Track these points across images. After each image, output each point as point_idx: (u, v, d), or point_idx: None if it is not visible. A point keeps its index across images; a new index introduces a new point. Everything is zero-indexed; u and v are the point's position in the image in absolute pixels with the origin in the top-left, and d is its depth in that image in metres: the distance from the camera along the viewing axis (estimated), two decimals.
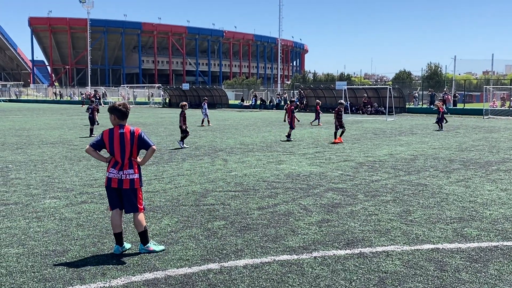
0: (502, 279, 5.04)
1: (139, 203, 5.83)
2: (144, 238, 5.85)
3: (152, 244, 5.90)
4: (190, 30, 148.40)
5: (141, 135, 5.84)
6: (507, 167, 12.27)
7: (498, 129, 24.90)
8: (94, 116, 21.90)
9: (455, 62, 54.39)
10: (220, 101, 58.60)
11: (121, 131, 5.76)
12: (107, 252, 5.87)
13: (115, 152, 5.76)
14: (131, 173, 5.77)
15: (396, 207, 8.03)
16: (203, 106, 28.23)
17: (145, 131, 22.66)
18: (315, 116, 29.27)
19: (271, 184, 10.06)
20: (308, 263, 5.50)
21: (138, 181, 5.83)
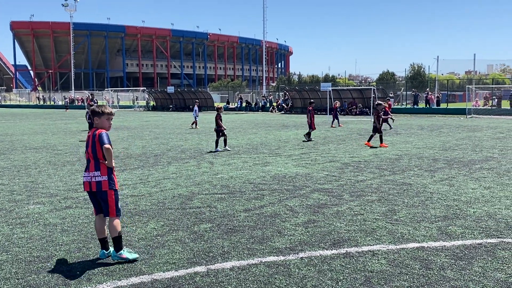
0: (486, 276, 5.10)
1: (110, 207, 5.66)
2: (117, 245, 5.66)
3: (126, 251, 5.72)
4: (174, 33, 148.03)
5: (100, 135, 5.66)
6: (490, 165, 12.44)
7: (481, 128, 25.23)
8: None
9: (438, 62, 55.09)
10: (205, 104, 58.48)
11: (93, 133, 5.75)
12: (92, 257, 5.82)
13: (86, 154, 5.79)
14: (97, 175, 5.63)
15: (381, 207, 8.09)
16: (194, 109, 28.29)
17: (131, 135, 22.60)
18: (333, 118, 28.89)
19: (257, 186, 10.06)
20: (295, 264, 5.51)
21: (106, 183, 5.63)
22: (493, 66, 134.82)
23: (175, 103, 59.75)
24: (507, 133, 21.62)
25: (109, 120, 5.84)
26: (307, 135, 19.65)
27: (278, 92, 64.31)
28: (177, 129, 26.52)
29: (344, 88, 49.38)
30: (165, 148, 17.29)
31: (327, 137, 20.98)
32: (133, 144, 18.88)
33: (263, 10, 75.46)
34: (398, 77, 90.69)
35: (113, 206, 5.68)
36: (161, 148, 17.28)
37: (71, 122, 35.47)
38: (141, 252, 5.94)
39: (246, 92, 77.14)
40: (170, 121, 35.33)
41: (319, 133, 23.09)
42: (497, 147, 16.45)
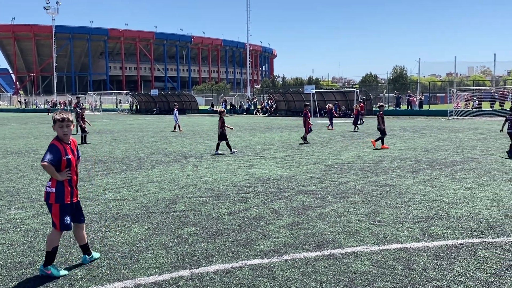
0: (468, 275, 5.18)
1: (54, 220, 5.37)
2: (47, 259, 5.37)
3: (53, 268, 5.37)
4: (157, 36, 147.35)
5: (49, 146, 5.38)
6: (471, 166, 12.62)
7: (462, 129, 25.58)
8: (81, 123, 21.41)
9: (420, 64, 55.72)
10: (189, 107, 58.32)
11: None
12: (75, 262, 5.77)
13: None
14: (49, 185, 5.40)
15: (364, 208, 8.16)
16: (173, 112, 28.16)
17: (114, 139, 22.42)
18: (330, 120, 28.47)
19: (241, 188, 10.06)
20: (279, 266, 5.52)
21: (53, 196, 5.33)
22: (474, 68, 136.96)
23: (159, 106, 59.46)
24: (488, 134, 21.95)
25: (62, 127, 5.38)
26: (303, 138, 19.61)
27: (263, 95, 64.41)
28: (161, 132, 26.40)
29: (327, 91, 49.65)
30: (148, 151, 17.19)
31: (311, 139, 21.06)
32: (116, 147, 18.74)
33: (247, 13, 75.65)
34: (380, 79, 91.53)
35: (56, 220, 5.36)
36: (145, 151, 17.18)
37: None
38: (125, 257, 5.90)
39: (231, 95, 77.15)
40: (154, 124, 35.14)
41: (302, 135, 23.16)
42: (478, 148, 16.69)
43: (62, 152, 5.37)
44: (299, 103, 47.75)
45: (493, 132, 23.16)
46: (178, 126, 27.53)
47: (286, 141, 20.51)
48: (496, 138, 19.92)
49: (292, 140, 21.00)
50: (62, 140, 5.45)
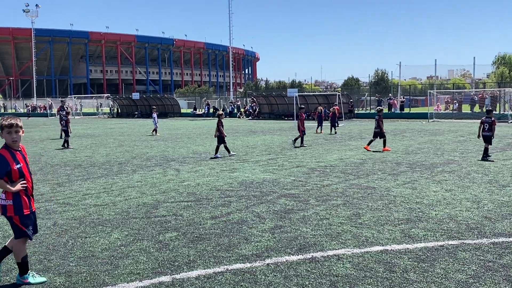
0: (448, 277, 5.22)
1: (17, 231, 5.18)
2: (21, 269, 5.26)
3: (30, 276, 5.28)
4: (139, 39, 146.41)
5: None
6: (451, 168, 12.77)
7: (442, 131, 25.90)
8: (68, 127, 21.07)
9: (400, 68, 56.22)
10: (172, 110, 58.02)
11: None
12: (54, 269, 5.66)
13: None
14: (3, 197, 5.13)
15: (346, 211, 8.18)
16: (152, 116, 28.00)
17: (94, 143, 22.17)
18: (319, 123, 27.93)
19: (224, 192, 10.02)
20: (261, 270, 5.50)
21: (12, 208, 5.09)
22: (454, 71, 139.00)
23: (141, 110, 59.04)
24: (468, 137, 22.27)
25: (10, 134, 5.03)
26: (300, 141, 19.50)
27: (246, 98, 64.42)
28: (142, 136, 26.20)
29: (310, 94, 49.89)
30: (129, 155, 17.04)
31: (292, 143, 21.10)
32: (96, 152, 18.53)
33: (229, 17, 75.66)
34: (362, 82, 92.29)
35: (18, 231, 5.18)
36: (126, 155, 17.02)
37: (33, 130, 34.56)
38: (105, 263, 5.82)
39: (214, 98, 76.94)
40: (135, 128, 34.87)
41: (286, 138, 23.23)
42: (458, 150, 16.91)
43: (10, 162, 5.04)
44: (282, 107, 47.88)
45: (473, 134, 23.49)
46: (155, 130, 27.39)
47: (269, 144, 20.52)
48: (476, 141, 20.21)
49: (275, 143, 21.02)
50: (11, 147, 5.12)
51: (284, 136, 24.38)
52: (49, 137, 26.98)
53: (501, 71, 77.69)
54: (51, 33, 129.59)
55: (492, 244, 6.28)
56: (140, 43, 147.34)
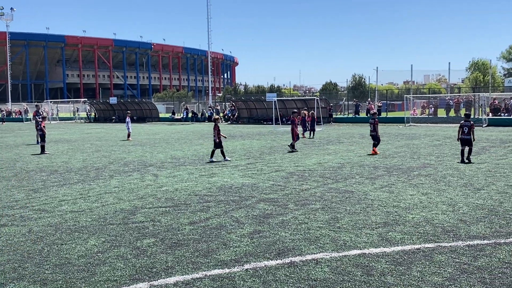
0: (425, 280, 5.29)
1: None
2: None
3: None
4: (116, 43, 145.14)
5: None
6: (428, 172, 12.96)
7: (419, 136, 26.27)
8: (43, 131, 20.64)
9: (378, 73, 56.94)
10: (150, 115, 57.55)
11: None
12: (29, 277, 5.55)
13: None
14: None
15: (324, 215, 8.23)
16: (126, 120, 27.73)
17: (71, 148, 21.84)
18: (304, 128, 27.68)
19: (203, 197, 9.98)
20: (240, 276, 5.49)
21: None
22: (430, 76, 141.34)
23: (118, 114, 58.41)
24: (443, 141, 22.64)
25: None
26: (291, 146, 19.43)
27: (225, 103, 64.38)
28: (120, 141, 25.92)
29: (289, 98, 50.09)
30: (107, 161, 16.84)
31: (273, 146, 21.16)
32: (73, 157, 18.27)
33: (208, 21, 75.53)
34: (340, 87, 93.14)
35: None
36: (103, 161, 16.81)
37: (8, 135, 33.89)
38: (81, 270, 5.73)
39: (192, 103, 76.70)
40: (113, 133, 34.48)
41: (265, 142, 23.27)
42: (434, 154, 17.17)
43: None
44: (261, 111, 47.97)
45: (448, 138, 23.90)
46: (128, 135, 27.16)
47: (248, 149, 20.52)
48: (451, 145, 20.56)
49: (254, 148, 21.03)
50: None
51: (263, 141, 24.42)
52: (24, 142, 26.48)
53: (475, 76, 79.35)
54: (27, 37, 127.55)
55: (467, 247, 6.39)
56: (117, 47, 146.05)
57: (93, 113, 63.40)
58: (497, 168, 13.27)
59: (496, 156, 15.98)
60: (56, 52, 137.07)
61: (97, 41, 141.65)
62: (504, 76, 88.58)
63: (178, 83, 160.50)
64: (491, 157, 15.84)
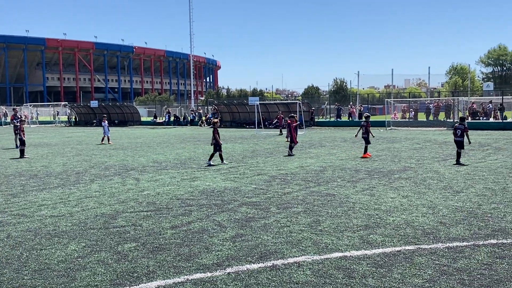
0: (405, 282, 5.34)
1: None
2: None
3: None
4: (97, 46, 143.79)
5: None
6: (408, 175, 13.11)
7: (399, 139, 26.57)
8: (22, 136, 20.26)
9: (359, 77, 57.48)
10: (131, 118, 57.14)
11: None
12: (7, 283, 5.46)
13: None
14: None
15: (306, 218, 8.26)
16: (102, 124, 27.51)
17: (51, 152, 21.55)
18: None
19: (185, 201, 9.93)
20: (222, 279, 5.47)
21: None
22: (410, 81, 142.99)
23: (99, 118, 57.85)
24: (423, 144, 22.93)
25: None
26: (290, 149, 19.34)
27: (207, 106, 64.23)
28: (100, 145, 25.67)
29: (271, 102, 50.22)
30: (87, 165, 16.66)
31: (255, 150, 21.19)
32: (53, 161, 18.03)
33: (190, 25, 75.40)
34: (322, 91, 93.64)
35: None
36: (84, 165, 16.63)
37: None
38: (61, 276, 5.66)
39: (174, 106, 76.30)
40: (94, 136, 34.12)
41: (247, 146, 23.28)
42: (414, 157, 17.38)
43: None
44: (244, 115, 48.00)
45: (428, 141, 24.23)
46: (105, 139, 26.97)
47: (231, 152, 20.50)
48: (431, 148, 20.84)
49: (236, 151, 21.02)
50: None
51: (246, 145, 24.43)
52: (3, 146, 26.05)
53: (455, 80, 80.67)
54: (6, 39, 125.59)
55: (447, 249, 6.48)
56: (98, 50, 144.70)
57: (74, 117, 62.71)
58: (476, 171, 13.48)
59: (475, 159, 16.25)
60: (36, 55, 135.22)
61: (78, 44, 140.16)
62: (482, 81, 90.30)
63: (160, 87, 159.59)
64: (470, 160, 16.10)
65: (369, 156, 17.57)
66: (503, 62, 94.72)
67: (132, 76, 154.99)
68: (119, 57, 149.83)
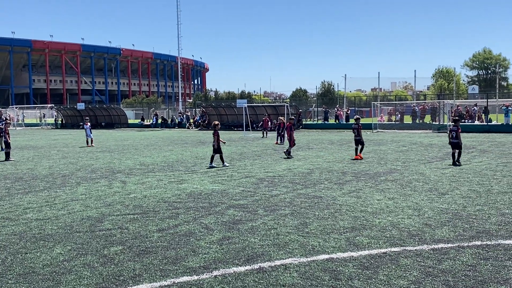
0: (391, 283, 5.38)
1: None
2: None
3: None
4: (84, 48, 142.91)
5: None
6: (394, 177, 13.21)
7: (386, 142, 26.77)
8: (7, 138, 19.97)
9: (346, 80, 57.83)
10: (118, 121, 56.82)
11: None
12: None
13: None
14: None
15: (294, 220, 8.29)
16: (85, 127, 27.35)
17: (37, 155, 21.35)
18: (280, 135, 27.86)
19: (172, 204, 9.90)
20: (209, 282, 5.47)
21: None
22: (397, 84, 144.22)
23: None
24: (409, 146, 23.13)
25: None
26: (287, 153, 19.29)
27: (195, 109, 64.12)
28: (87, 148, 25.49)
29: (259, 105, 50.31)
30: (74, 168, 16.53)
31: (243, 152, 21.19)
32: (39, 164, 17.86)
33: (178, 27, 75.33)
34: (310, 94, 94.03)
35: None
36: (70, 168, 16.50)
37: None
38: (46, 279, 5.61)
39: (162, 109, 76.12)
40: (80, 139, 33.85)
41: (235, 149, 23.27)
42: (400, 159, 17.52)
43: None
44: (232, 117, 48.01)
45: (414, 144, 24.44)
46: (89, 141, 26.84)
47: None
48: (417, 150, 21.03)
49: (224, 154, 20.96)
50: None
51: (233, 147, 24.42)
52: None
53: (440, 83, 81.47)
54: None
55: (432, 250, 6.54)
56: (85, 52, 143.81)
57: (60, 119, 62.19)
58: (461, 173, 13.63)
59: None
60: (22, 57, 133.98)
61: (65, 46, 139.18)
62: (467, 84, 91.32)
63: (147, 89, 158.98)
64: None
65: (361, 158, 17.65)
66: (487, 65, 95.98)
67: (119, 78, 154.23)
68: (106, 59, 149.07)
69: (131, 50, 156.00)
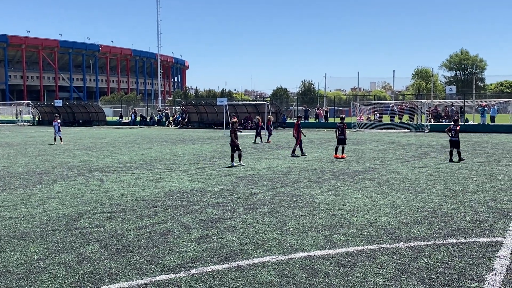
0: (367, 281, 5.44)
1: None
2: None
3: None
4: (62, 44, 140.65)
5: None
6: (372, 176, 13.34)
7: (365, 141, 27.01)
8: None
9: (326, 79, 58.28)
10: (96, 118, 56.14)
11: None
12: None
13: None
14: None
15: (272, 218, 8.31)
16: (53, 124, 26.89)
17: (13, 152, 20.95)
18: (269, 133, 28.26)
19: (150, 203, 9.83)
20: (186, 281, 5.44)
21: None
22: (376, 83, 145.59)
23: (64, 118, 56.65)
24: (387, 146, 23.38)
25: None
26: (300, 150, 19.26)
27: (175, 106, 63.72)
28: (64, 145, 25.12)
29: (240, 103, 50.25)
30: (50, 165, 16.27)
31: (223, 151, 21.14)
32: (14, 161, 17.54)
33: (157, 23, 74.77)
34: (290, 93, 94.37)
35: None
36: (46, 165, 16.24)
37: None
38: (20, 278, 5.52)
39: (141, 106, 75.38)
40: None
41: (215, 147, 23.21)
42: (379, 158, 17.70)
43: None
44: (212, 115, 47.85)
45: (392, 143, 24.72)
46: (58, 139, 26.43)
47: (198, 153, 20.41)
48: (395, 149, 21.27)
49: (204, 152, 20.92)
50: None
51: (213, 145, 24.36)
52: None
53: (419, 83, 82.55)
54: None
55: (408, 248, 6.62)
56: (63, 49, 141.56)
57: (37, 116, 61.17)
58: (437, 172, 13.84)
59: (436, 161, 16.67)
60: None
61: (42, 41, 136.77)
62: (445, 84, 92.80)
63: (126, 86, 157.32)
64: (432, 161, 16.51)
65: (344, 157, 17.74)
66: (465, 66, 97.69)
67: (97, 75, 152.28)
68: (85, 56, 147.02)
69: (110, 46, 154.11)
